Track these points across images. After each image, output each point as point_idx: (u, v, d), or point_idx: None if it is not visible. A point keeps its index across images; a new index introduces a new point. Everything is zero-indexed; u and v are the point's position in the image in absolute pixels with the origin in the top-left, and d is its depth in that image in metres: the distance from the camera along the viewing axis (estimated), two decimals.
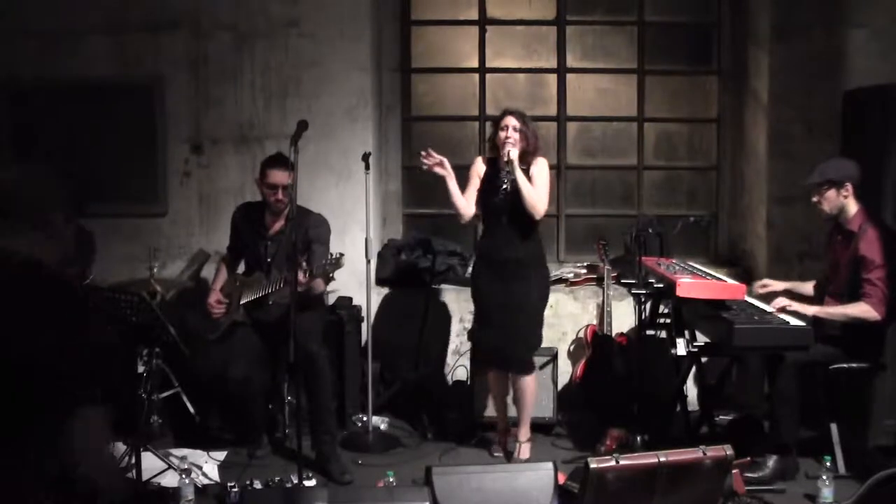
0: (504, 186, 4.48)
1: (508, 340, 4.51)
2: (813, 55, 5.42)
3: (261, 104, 5.66)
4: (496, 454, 4.75)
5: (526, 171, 4.48)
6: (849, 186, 4.34)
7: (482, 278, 4.61)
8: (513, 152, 4.42)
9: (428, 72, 6.17)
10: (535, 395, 4.75)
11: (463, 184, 4.63)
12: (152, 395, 4.88)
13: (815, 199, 4.43)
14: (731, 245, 6.14)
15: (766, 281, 4.75)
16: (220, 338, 4.61)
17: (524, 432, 4.68)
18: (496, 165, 4.58)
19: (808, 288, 4.71)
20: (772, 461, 4.21)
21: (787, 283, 4.76)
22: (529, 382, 4.61)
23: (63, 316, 1.93)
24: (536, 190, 4.45)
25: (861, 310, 4.24)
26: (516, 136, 4.46)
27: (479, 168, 4.67)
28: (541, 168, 4.54)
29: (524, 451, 4.66)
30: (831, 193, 4.37)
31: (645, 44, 6.08)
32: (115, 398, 1.99)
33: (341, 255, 4.23)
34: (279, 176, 4.45)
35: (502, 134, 4.48)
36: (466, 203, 4.58)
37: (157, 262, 5.13)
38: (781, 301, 4.35)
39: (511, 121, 4.49)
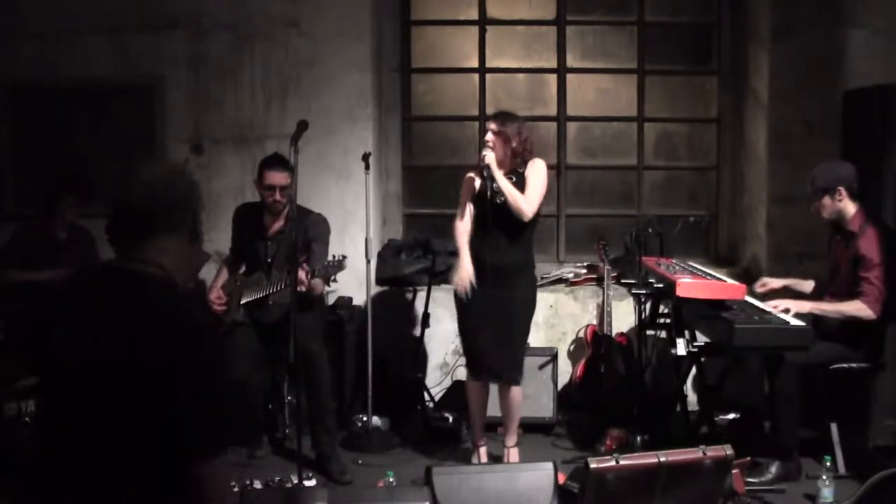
0: (499, 195, 4.26)
1: (497, 351, 4.35)
2: (813, 55, 5.42)
3: (261, 104, 5.66)
4: (475, 462, 4.54)
5: (522, 175, 4.35)
6: (841, 190, 4.33)
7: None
8: (489, 156, 4.27)
9: (428, 72, 6.17)
10: (521, 402, 4.56)
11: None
12: None
13: (812, 209, 4.46)
14: (731, 245, 6.14)
15: (765, 280, 4.75)
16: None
17: (512, 438, 4.55)
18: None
19: (807, 286, 4.71)
20: (774, 466, 4.21)
21: (786, 280, 4.77)
22: (517, 390, 4.48)
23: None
24: (528, 191, 4.29)
25: (856, 308, 4.25)
26: (493, 139, 4.33)
27: (471, 184, 4.46)
28: (536, 169, 4.37)
29: (513, 455, 4.52)
30: (826, 200, 4.38)
31: (645, 44, 6.08)
32: None
33: (344, 257, 4.22)
34: (277, 177, 4.44)
35: (484, 138, 4.41)
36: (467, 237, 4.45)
37: None
38: (777, 302, 4.34)
39: (490, 125, 4.38)
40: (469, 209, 4.44)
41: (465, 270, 4.33)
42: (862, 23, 5.40)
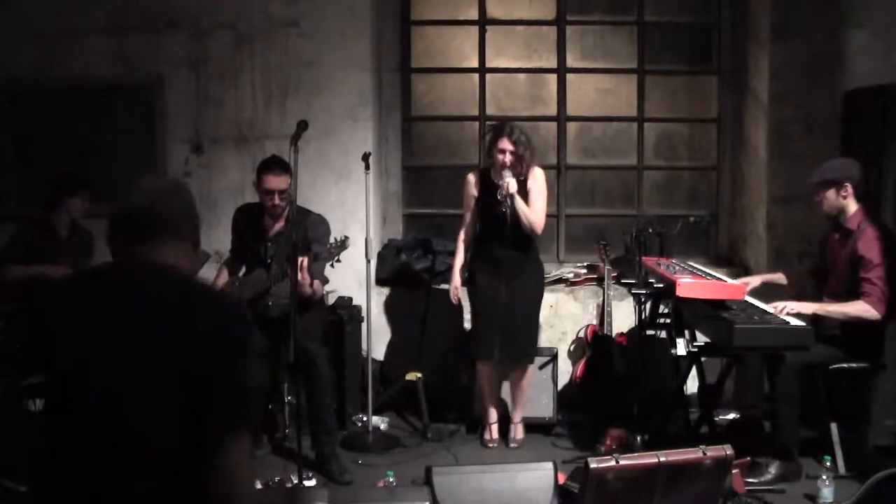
0: (504, 210, 4.56)
1: (515, 335, 4.73)
2: (813, 55, 5.42)
3: (261, 104, 5.66)
4: (491, 445, 4.86)
5: (523, 183, 4.59)
6: (848, 187, 4.33)
7: (480, 275, 4.80)
8: (512, 185, 4.51)
9: (428, 72, 6.17)
10: (530, 379, 4.97)
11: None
12: None
13: (815, 198, 4.45)
14: (731, 245, 6.14)
15: (745, 279, 4.76)
16: None
17: (519, 414, 4.93)
18: (492, 180, 4.69)
19: (778, 278, 4.76)
20: (774, 466, 4.21)
21: (760, 277, 4.81)
22: (529, 370, 4.91)
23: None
24: (534, 205, 4.61)
25: (860, 308, 4.24)
26: (511, 159, 4.57)
27: (472, 189, 4.82)
28: (537, 181, 4.68)
29: (519, 431, 4.91)
30: (830, 193, 4.37)
31: (645, 44, 6.08)
32: None
33: (346, 237, 4.25)
34: (275, 181, 4.42)
35: (500, 157, 4.58)
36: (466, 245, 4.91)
37: None
38: (780, 304, 4.34)
39: (507, 145, 4.57)
40: (472, 213, 4.83)
41: (454, 283, 4.89)
42: (862, 23, 5.39)
